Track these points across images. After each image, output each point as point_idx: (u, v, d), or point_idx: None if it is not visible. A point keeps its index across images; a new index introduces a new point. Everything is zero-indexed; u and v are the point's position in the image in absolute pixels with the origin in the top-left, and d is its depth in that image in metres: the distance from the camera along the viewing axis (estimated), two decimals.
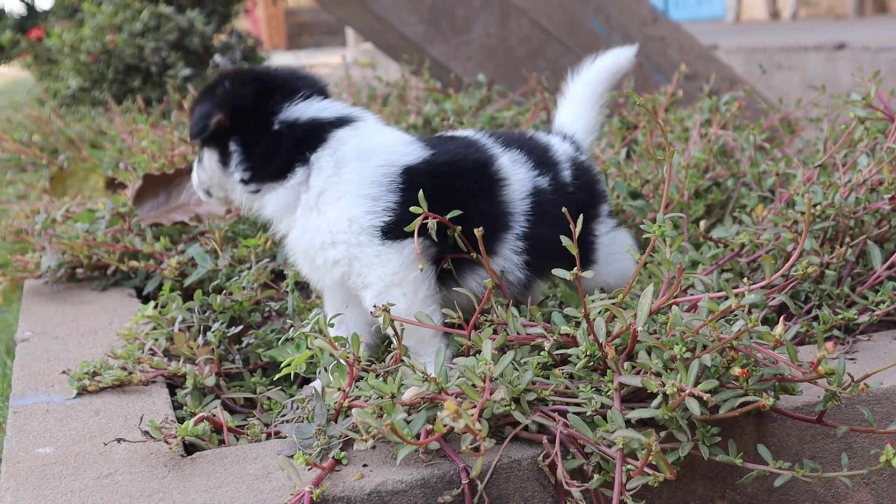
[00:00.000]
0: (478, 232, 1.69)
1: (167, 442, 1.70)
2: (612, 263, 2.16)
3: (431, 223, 1.77)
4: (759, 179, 2.85)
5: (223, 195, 2.04)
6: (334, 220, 1.88)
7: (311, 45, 22.34)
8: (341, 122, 1.96)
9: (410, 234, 1.82)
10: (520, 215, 1.97)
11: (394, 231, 1.86)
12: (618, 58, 2.38)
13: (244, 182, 1.96)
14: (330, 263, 1.90)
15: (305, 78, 2.04)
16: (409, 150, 1.95)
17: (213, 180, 2.02)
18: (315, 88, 2.00)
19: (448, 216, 1.80)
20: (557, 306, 2.19)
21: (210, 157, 1.99)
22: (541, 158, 2.07)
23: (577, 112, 2.37)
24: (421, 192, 1.78)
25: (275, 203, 1.96)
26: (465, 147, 2.01)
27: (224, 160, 1.96)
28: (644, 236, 1.68)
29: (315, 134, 1.93)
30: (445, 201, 1.83)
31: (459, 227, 1.84)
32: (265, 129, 1.93)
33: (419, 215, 1.77)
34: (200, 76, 6.43)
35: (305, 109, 1.95)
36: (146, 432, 1.73)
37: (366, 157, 1.91)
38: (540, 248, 1.97)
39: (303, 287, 2.40)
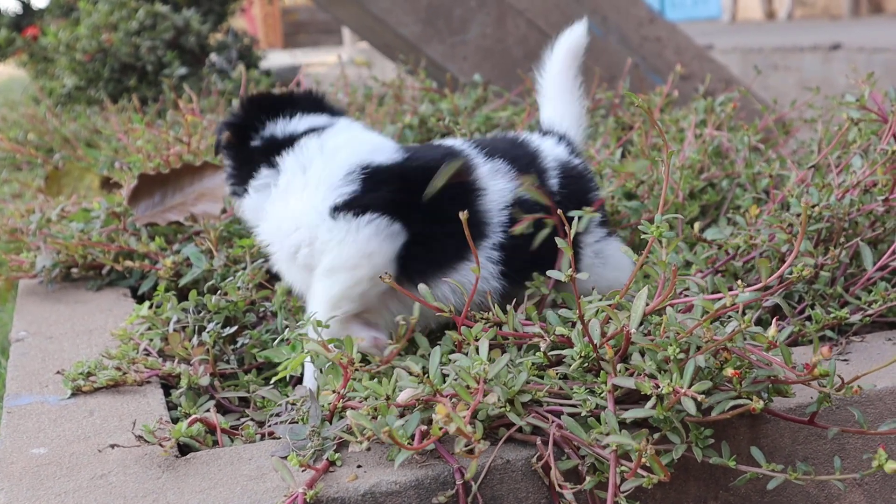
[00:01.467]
0: (463, 215, 1.67)
1: (161, 445, 1.70)
2: (595, 275, 2.11)
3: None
4: (753, 180, 2.86)
5: None
6: (297, 208, 1.96)
7: (307, 44, 22.32)
8: (313, 130, 2.07)
9: (368, 211, 1.87)
10: (497, 226, 1.97)
11: (346, 207, 1.90)
12: (573, 37, 2.40)
13: (232, 193, 2.14)
14: (293, 248, 1.96)
15: (304, 98, 2.18)
16: (380, 151, 2.01)
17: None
18: (311, 106, 2.15)
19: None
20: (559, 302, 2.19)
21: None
22: (526, 167, 2.06)
23: (559, 106, 2.36)
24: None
25: (249, 207, 2.11)
26: (442, 155, 2.02)
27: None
28: (642, 236, 1.68)
29: (285, 143, 2.06)
30: (415, 205, 1.87)
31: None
32: (248, 145, 2.09)
33: (377, 195, 1.84)
34: (196, 75, 6.42)
35: (286, 125, 2.09)
36: (140, 437, 1.72)
37: (329, 154, 2.00)
38: (516, 258, 1.97)
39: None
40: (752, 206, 2.47)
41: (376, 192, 1.90)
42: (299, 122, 2.10)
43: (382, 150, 2.03)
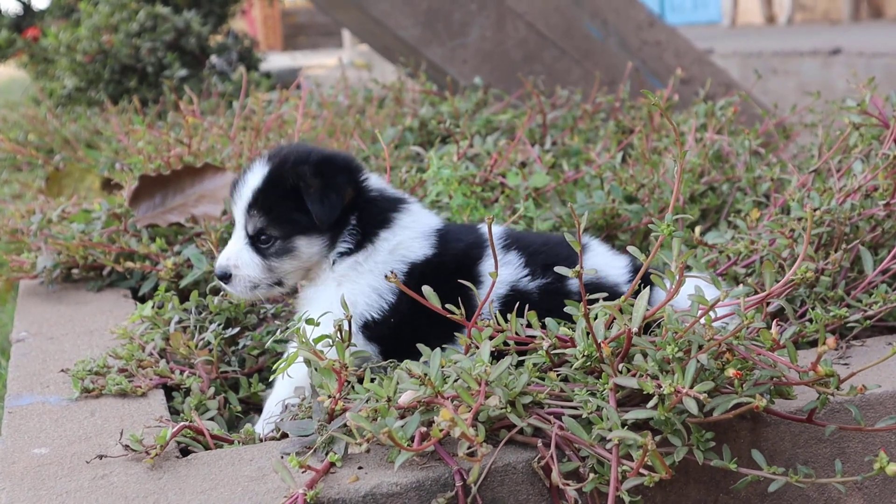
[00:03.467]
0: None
1: (148, 453, 1.69)
2: None
3: None
4: (753, 184, 2.86)
5: (297, 280, 2.10)
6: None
7: (307, 47, 22.33)
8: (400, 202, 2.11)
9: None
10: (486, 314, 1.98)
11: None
12: None
13: (346, 252, 2.04)
14: None
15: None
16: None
17: (299, 267, 2.06)
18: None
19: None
20: None
21: (313, 243, 2.03)
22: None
23: None
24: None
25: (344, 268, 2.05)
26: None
27: (335, 238, 2.03)
28: (652, 234, 1.68)
29: (389, 209, 2.07)
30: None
31: None
32: (367, 199, 2.06)
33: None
34: (196, 77, 6.43)
35: (375, 182, 2.10)
36: (127, 446, 1.72)
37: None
38: None
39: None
40: (753, 210, 2.47)
41: None
42: (380, 182, 2.15)
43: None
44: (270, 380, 2.09)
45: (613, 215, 2.72)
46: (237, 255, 2.04)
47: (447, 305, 1.74)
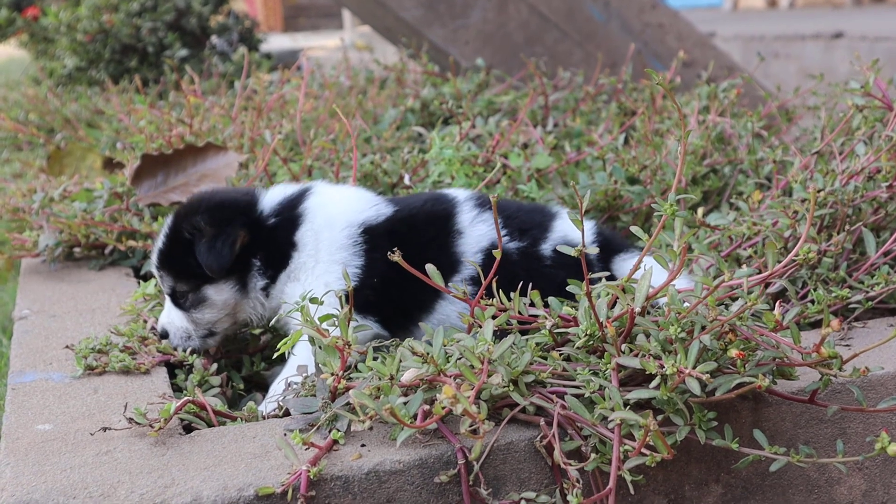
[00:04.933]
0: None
1: (151, 426, 1.70)
2: None
3: None
4: (756, 166, 2.86)
5: (228, 325, 2.12)
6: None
7: (307, 28, 22.24)
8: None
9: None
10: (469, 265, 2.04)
11: None
12: None
13: (266, 288, 2.07)
14: None
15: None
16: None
17: (219, 315, 2.09)
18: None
19: None
20: None
21: (222, 290, 2.06)
22: None
23: None
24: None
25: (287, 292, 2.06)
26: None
27: (244, 280, 2.06)
28: (655, 214, 1.69)
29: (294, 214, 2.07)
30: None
31: None
32: (266, 229, 2.05)
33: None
34: (197, 57, 6.41)
35: (274, 196, 2.11)
36: (131, 419, 1.72)
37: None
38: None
39: None
40: (755, 192, 2.47)
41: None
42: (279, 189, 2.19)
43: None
44: (273, 357, 2.09)
45: (615, 196, 2.72)
46: (168, 313, 2.12)
47: (451, 285, 1.75)
